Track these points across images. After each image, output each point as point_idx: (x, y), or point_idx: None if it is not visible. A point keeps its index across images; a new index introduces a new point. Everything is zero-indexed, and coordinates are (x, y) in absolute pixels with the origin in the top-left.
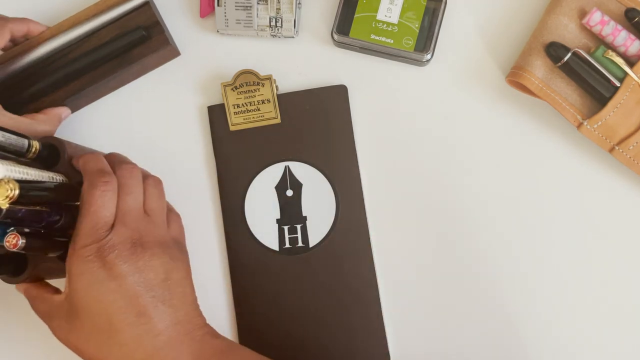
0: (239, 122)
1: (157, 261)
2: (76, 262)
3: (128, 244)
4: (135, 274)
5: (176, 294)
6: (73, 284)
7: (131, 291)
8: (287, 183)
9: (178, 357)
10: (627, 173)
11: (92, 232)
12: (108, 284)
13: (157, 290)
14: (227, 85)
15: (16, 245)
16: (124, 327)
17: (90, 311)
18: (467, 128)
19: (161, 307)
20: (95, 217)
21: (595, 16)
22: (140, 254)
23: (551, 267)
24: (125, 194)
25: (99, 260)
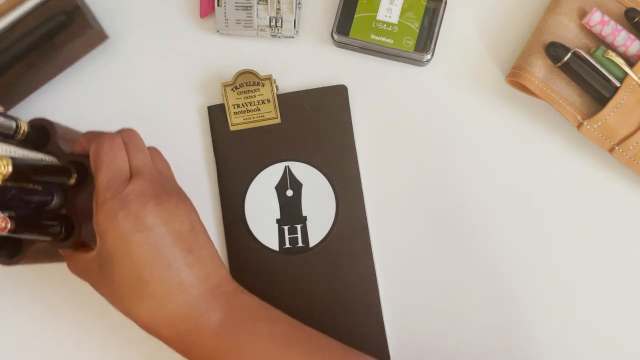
0: (239, 122)
1: (181, 210)
2: (101, 218)
3: (150, 194)
4: (162, 226)
5: (203, 245)
6: (101, 240)
7: (159, 243)
8: (287, 183)
9: (209, 311)
10: (627, 173)
11: (110, 185)
12: (135, 237)
13: (185, 241)
14: (227, 85)
15: (5, 229)
16: (154, 280)
17: (120, 263)
18: (467, 128)
19: (190, 258)
20: (110, 170)
21: (595, 16)
22: (166, 203)
23: (551, 267)
24: (135, 152)
25: (123, 211)
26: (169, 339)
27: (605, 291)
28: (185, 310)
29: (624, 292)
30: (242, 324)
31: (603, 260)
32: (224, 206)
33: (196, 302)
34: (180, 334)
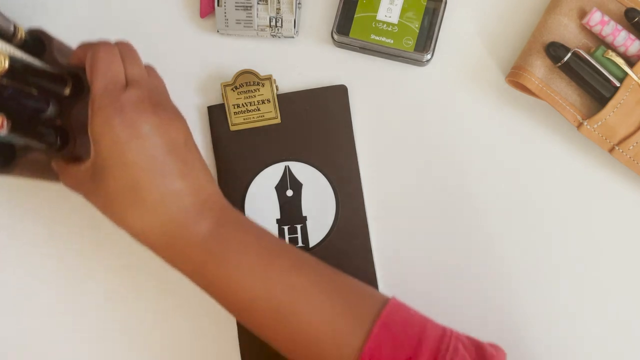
0: (239, 122)
1: (176, 124)
2: (97, 124)
3: (146, 104)
4: (157, 135)
5: (196, 160)
6: (96, 146)
7: (154, 151)
8: (287, 183)
9: (200, 220)
10: (627, 173)
11: (107, 91)
12: (131, 144)
13: (179, 153)
14: (227, 85)
15: (1, 127)
16: (147, 187)
17: (114, 170)
18: (467, 128)
19: (184, 169)
20: (107, 77)
21: (595, 16)
22: (162, 114)
23: (550, 267)
24: (132, 63)
25: (119, 117)
26: (158, 247)
27: (605, 291)
28: (177, 217)
29: (623, 292)
30: (231, 235)
31: (603, 260)
32: None
33: (188, 210)
34: (170, 241)
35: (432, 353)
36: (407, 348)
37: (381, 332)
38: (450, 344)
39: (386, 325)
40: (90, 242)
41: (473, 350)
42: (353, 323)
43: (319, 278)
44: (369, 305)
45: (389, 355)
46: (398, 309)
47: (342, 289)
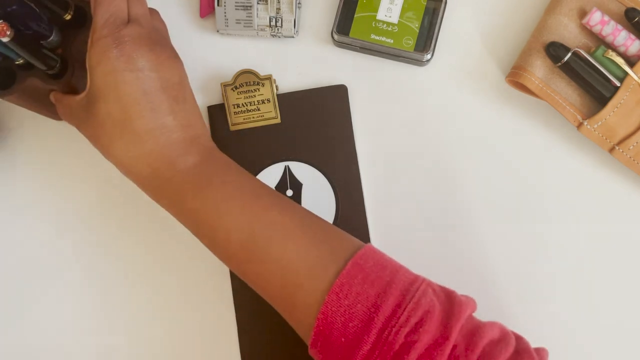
0: (239, 122)
1: (173, 63)
2: (95, 52)
3: (146, 40)
4: (153, 71)
5: (189, 99)
6: (91, 75)
7: (148, 85)
8: (287, 183)
9: (186, 154)
10: (627, 173)
11: (107, 23)
12: (125, 75)
13: (172, 91)
14: (227, 85)
15: (4, 34)
16: (138, 118)
17: (106, 98)
18: (467, 128)
19: (175, 107)
20: (109, 9)
21: (595, 16)
22: (159, 53)
23: (550, 267)
24: (136, 2)
25: (117, 49)
26: (142, 179)
27: (605, 291)
28: (164, 150)
29: (623, 291)
30: (215, 171)
31: (603, 260)
32: None
33: (176, 144)
34: (154, 172)
35: (400, 293)
36: (377, 286)
37: (353, 269)
38: (420, 288)
39: (358, 265)
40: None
41: (443, 295)
42: (327, 259)
43: (299, 218)
44: (346, 246)
45: (358, 291)
46: (373, 252)
47: (321, 229)
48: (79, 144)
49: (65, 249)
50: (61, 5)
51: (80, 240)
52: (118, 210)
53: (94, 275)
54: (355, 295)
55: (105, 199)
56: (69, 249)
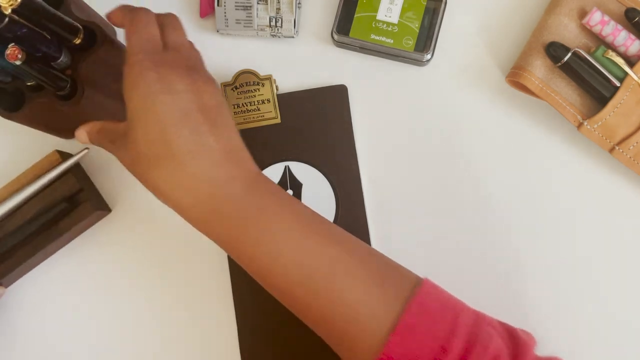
0: (239, 122)
1: (210, 88)
2: (131, 75)
3: (182, 65)
4: (190, 93)
5: (229, 124)
6: (128, 98)
7: (186, 107)
8: (287, 183)
9: (233, 181)
10: (627, 173)
11: (143, 47)
12: (162, 97)
13: (211, 114)
14: (227, 85)
15: (16, 57)
16: (177, 139)
17: (143, 121)
18: (467, 128)
19: (215, 129)
20: (144, 35)
21: (595, 16)
22: (196, 76)
23: (550, 268)
24: (173, 30)
25: (153, 72)
26: (185, 206)
27: (605, 291)
28: (207, 173)
29: (623, 291)
30: (267, 201)
31: (603, 260)
32: None
33: (219, 166)
34: (197, 199)
35: (467, 336)
36: (442, 328)
37: (417, 309)
38: (485, 329)
39: (422, 304)
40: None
41: (506, 334)
42: (390, 297)
43: (359, 254)
44: (406, 282)
45: (423, 334)
46: (434, 289)
47: (380, 265)
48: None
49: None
50: (71, 30)
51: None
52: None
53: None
54: (420, 338)
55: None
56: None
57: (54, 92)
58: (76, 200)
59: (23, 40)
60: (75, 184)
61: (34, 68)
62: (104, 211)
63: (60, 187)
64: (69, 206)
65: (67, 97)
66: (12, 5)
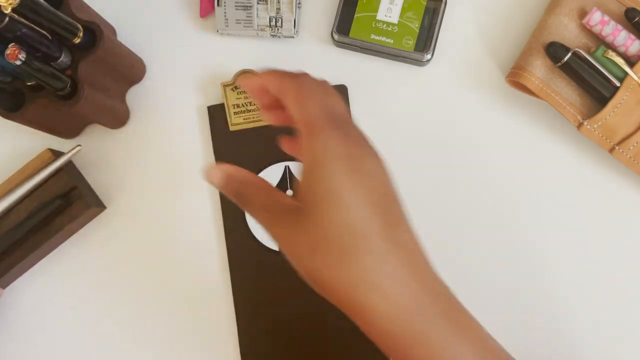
0: (239, 122)
1: (387, 168)
2: (318, 147)
3: (363, 140)
4: (380, 174)
5: (406, 214)
6: (312, 175)
7: (378, 191)
8: (287, 183)
9: (433, 300)
10: (627, 173)
11: (322, 113)
12: (354, 177)
13: (398, 197)
14: (227, 85)
15: (16, 57)
16: (373, 232)
17: (329, 207)
18: (467, 128)
19: (405, 224)
20: (320, 102)
21: (595, 16)
22: (378, 154)
23: (550, 268)
24: (338, 100)
25: (343, 146)
26: (377, 316)
27: (605, 291)
28: (408, 279)
29: (624, 291)
30: (467, 320)
31: (603, 260)
32: (224, 206)
33: (421, 273)
34: (396, 311)
35: None
36: None
37: None
38: None
39: None
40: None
41: None
42: None
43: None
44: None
45: None
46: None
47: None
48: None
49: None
50: (70, 30)
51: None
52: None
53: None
54: None
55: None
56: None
57: (54, 92)
58: (70, 198)
59: (23, 40)
60: (68, 182)
61: (34, 68)
62: (98, 208)
63: (53, 185)
64: (63, 204)
65: (67, 97)
66: (11, 4)
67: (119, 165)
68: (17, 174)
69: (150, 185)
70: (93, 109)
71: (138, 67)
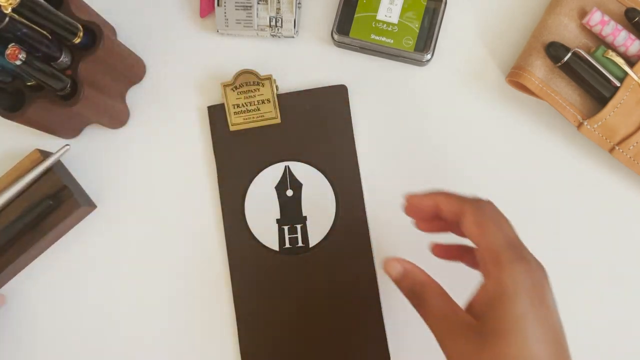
0: (239, 122)
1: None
2: (510, 279)
3: (537, 263)
4: (556, 309)
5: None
6: (495, 300)
7: (558, 328)
8: (287, 183)
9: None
10: (627, 173)
11: (505, 243)
12: (539, 313)
13: (565, 334)
14: (227, 85)
15: (16, 57)
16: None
17: (513, 340)
18: (467, 128)
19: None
20: (503, 232)
21: (595, 16)
22: (546, 274)
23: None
24: (501, 226)
25: (530, 279)
26: None
27: (605, 291)
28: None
29: (624, 291)
30: None
31: (603, 260)
32: (224, 206)
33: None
34: None
35: None
36: None
37: None
38: None
39: None
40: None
41: None
42: None
43: None
44: None
45: None
46: None
47: None
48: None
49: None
50: (70, 30)
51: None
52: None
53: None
54: None
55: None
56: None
57: (54, 92)
58: (60, 197)
59: (23, 40)
60: (58, 182)
61: (34, 68)
62: (89, 207)
63: (43, 185)
64: (53, 204)
65: (67, 97)
66: (11, 4)
67: (119, 165)
68: (6, 176)
69: (150, 185)
70: (93, 109)
71: (138, 67)
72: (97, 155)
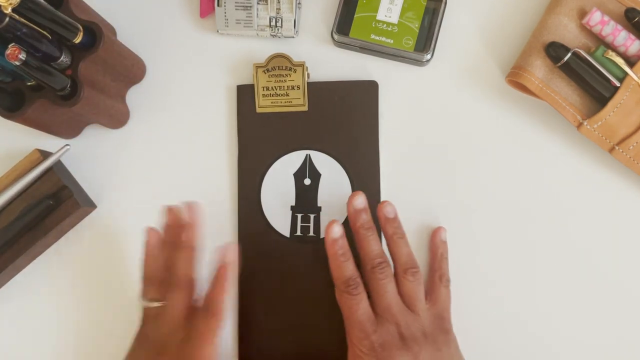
0: (266, 105)
1: (426, 356)
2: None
3: (397, 340)
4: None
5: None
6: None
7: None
8: (306, 171)
9: None
10: (627, 173)
11: (361, 333)
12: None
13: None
14: (260, 67)
15: (16, 57)
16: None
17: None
18: (467, 128)
19: None
20: (358, 321)
21: (595, 16)
22: (411, 349)
23: (551, 268)
24: (380, 295)
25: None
26: None
27: (606, 291)
28: None
29: (624, 291)
30: None
31: (603, 260)
32: (240, 185)
33: None
34: None
35: None
36: None
37: None
38: None
39: None
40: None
41: None
42: None
43: None
44: None
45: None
46: None
47: None
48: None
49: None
50: (70, 30)
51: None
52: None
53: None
54: None
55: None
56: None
57: (54, 92)
58: (60, 197)
59: (23, 40)
60: (58, 182)
61: (34, 68)
62: (89, 207)
63: (43, 185)
64: (53, 204)
65: (67, 97)
66: (11, 4)
67: (119, 165)
68: (6, 176)
69: (150, 185)
70: (93, 109)
71: (138, 67)
72: (97, 155)
